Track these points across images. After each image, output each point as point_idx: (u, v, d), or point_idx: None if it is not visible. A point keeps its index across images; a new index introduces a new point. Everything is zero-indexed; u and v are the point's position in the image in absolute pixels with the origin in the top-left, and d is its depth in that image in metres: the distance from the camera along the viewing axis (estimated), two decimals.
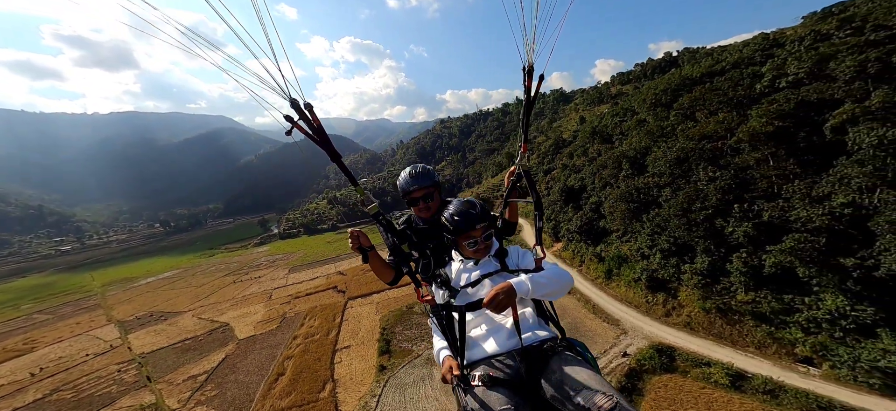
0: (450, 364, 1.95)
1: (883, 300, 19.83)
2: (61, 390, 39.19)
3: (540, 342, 1.91)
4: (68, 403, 36.36)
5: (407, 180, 2.70)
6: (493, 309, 1.77)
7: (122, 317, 63.85)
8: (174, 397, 35.18)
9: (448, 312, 2.13)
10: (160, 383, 38.29)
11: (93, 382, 40.27)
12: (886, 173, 20.88)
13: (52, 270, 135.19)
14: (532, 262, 2.24)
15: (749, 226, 26.51)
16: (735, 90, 36.55)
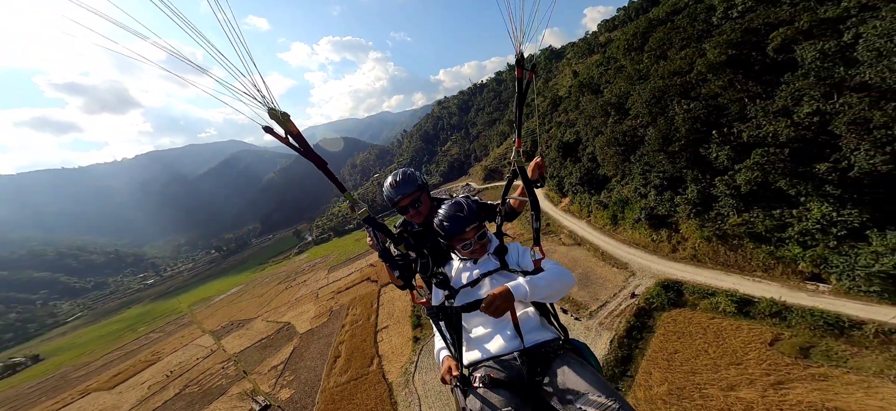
0: (449, 364, 1.88)
1: (863, 200, 19.83)
2: (190, 386, 47.28)
3: (541, 343, 1.82)
4: (198, 394, 43.91)
5: (391, 191, 2.57)
6: (491, 314, 1.71)
7: (212, 328, 72.82)
8: (265, 384, 41.25)
9: (446, 312, 2.04)
10: (253, 374, 44.72)
11: (208, 378, 47.92)
12: (833, 79, 20.26)
13: (147, 300, 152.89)
14: (531, 263, 2.12)
15: (729, 149, 26.42)
16: (693, 25, 34.89)
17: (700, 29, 35.80)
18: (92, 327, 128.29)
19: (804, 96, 22.47)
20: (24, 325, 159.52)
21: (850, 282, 19.60)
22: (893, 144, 18.27)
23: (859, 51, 20.42)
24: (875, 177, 19.14)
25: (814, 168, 21.54)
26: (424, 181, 2.64)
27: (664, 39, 41.03)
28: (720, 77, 28.85)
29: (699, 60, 30.22)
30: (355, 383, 34.95)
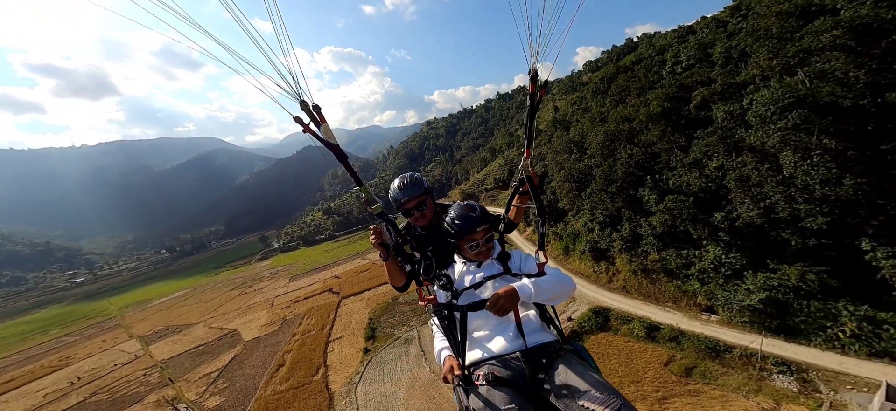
0: (451, 364, 1.93)
1: (745, 246, 24.51)
2: (98, 393, 44.17)
3: (543, 344, 1.88)
4: (106, 403, 41.31)
5: (397, 193, 2.63)
6: (496, 313, 1.76)
7: (142, 333, 68.65)
8: (192, 391, 40.00)
9: (450, 312, 2.10)
10: (180, 381, 43.11)
11: (124, 385, 45.19)
12: (732, 139, 25.55)
13: (71, 300, 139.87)
14: (535, 267, 2.18)
15: (656, 194, 31.21)
16: (646, 76, 41.24)
17: (652, 80, 42.17)
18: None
19: (712, 152, 27.71)
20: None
21: (730, 314, 23.83)
22: (766, 201, 23.12)
23: (749, 116, 25.82)
24: (753, 227, 23.88)
25: (712, 216, 26.28)
26: (430, 186, 2.72)
27: (624, 86, 47.51)
28: (656, 127, 34.42)
29: (642, 110, 35.82)
30: (295, 392, 35.18)
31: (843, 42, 20.85)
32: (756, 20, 32.10)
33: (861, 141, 20.07)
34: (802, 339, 20.90)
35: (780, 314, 21.58)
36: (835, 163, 19.95)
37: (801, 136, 20.93)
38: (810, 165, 20.52)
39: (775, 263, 22.63)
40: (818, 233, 20.90)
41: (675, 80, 34.11)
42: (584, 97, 66.75)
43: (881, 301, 19.24)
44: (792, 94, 21.55)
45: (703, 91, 29.57)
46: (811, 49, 22.65)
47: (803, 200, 20.88)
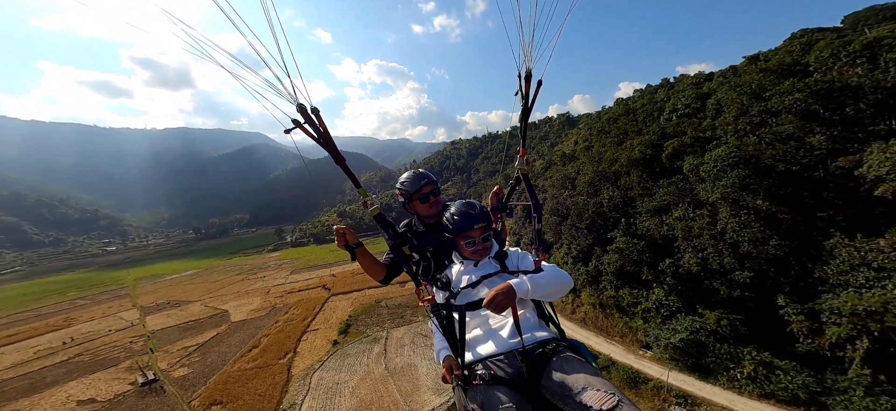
0: (450, 363, 1.96)
1: (682, 291, 25.39)
2: (83, 355, 49.51)
3: (541, 342, 1.89)
4: (86, 363, 46.40)
5: (414, 179, 2.69)
6: (493, 310, 1.78)
7: (144, 304, 76.05)
8: (165, 361, 44.28)
9: (448, 312, 2.13)
10: (159, 351, 47.83)
11: (108, 349, 50.59)
12: (693, 191, 26.79)
13: (96, 267, 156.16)
14: (531, 264, 2.22)
15: (625, 237, 32.42)
16: (644, 121, 42.86)
17: (646, 125, 43.39)
18: (23, 283, 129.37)
19: (672, 202, 28.93)
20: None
21: (660, 351, 24.85)
22: (703, 252, 24.14)
23: (702, 170, 27.16)
24: (692, 274, 24.79)
25: (662, 261, 27.32)
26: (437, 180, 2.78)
27: (623, 129, 49.04)
28: (635, 172, 35.91)
29: (624, 154, 37.55)
30: (258, 371, 38.59)
31: (805, 106, 22.03)
32: (743, 75, 33.47)
33: (795, 205, 20.97)
34: (711, 378, 22.36)
35: (697, 354, 22.63)
36: (762, 224, 20.95)
37: (742, 195, 22.10)
38: (738, 223, 21.62)
39: (703, 308, 23.44)
40: (743, 286, 21.72)
41: (659, 128, 35.71)
42: (591, 136, 68.58)
43: (784, 350, 20.23)
44: (737, 153, 22.93)
45: (674, 142, 31.10)
46: (771, 110, 23.97)
47: (729, 254, 21.83)
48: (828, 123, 21.32)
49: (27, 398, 36.94)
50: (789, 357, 20.20)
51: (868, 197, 18.05)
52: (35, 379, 41.68)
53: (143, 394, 35.89)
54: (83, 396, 36.13)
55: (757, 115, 25.61)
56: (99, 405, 34.42)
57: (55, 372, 43.26)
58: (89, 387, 38.12)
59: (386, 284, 2.71)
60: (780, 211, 20.83)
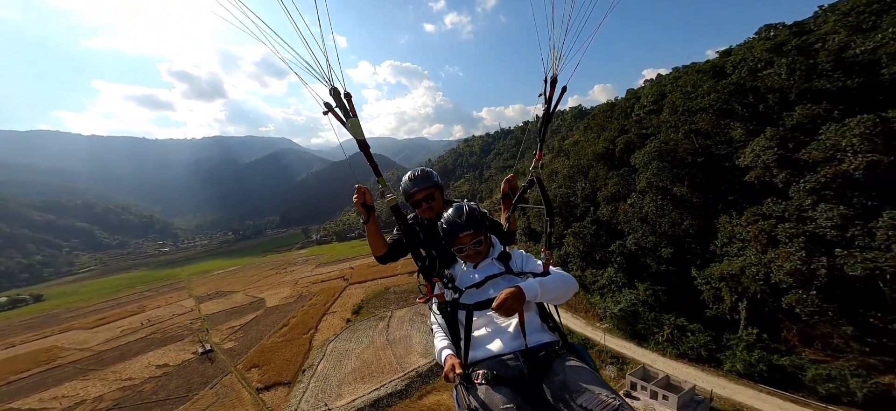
0: (452, 362, 1.89)
1: (628, 268, 29.33)
2: (155, 333, 60.58)
3: (543, 344, 1.90)
4: (159, 338, 56.97)
5: (408, 184, 2.68)
6: (502, 313, 1.76)
7: (198, 294, 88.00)
8: (217, 337, 53.48)
9: (454, 310, 2.12)
10: (212, 330, 57.39)
11: (174, 329, 61.28)
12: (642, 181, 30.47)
13: (155, 265, 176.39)
14: (538, 266, 2.22)
15: (595, 225, 36.32)
16: (617, 118, 45.97)
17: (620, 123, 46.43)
18: (99, 280, 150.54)
19: (621, 192, 32.61)
20: (42, 268, 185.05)
21: (610, 322, 28.93)
22: (636, 233, 28.01)
23: (636, 162, 30.42)
24: (631, 253, 28.73)
25: (611, 243, 31.31)
26: (440, 181, 2.74)
27: (601, 124, 52.01)
28: (599, 165, 39.53)
29: (590, 150, 41.19)
30: (287, 343, 46.31)
31: (721, 105, 25.16)
32: (683, 76, 36.09)
33: (706, 190, 24.46)
34: (643, 342, 26.31)
35: (633, 321, 26.64)
36: (678, 207, 24.64)
37: (660, 183, 25.77)
38: (655, 206, 25.35)
39: (638, 282, 27.37)
40: (666, 261, 25.48)
41: (618, 125, 38.97)
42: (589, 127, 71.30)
43: (698, 316, 23.66)
44: (658, 148, 26.51)
45: (625, 138, 34.55)
46: (692, 109, 27.22)
47: (652, 234, 25.66)
48: (744, 119, 24.34)
49: (122, 363, 47.10)
50: (701, 321, 23.73)
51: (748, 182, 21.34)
52: (124, 350, 52.24)
53: (202, 361, 44.55)
54: (159, 362, 45.48)
55: (684, 113, 28.57)
56: (171, 368, 43.39)
57: (137, 346, 53.98)
58: (163, 356, 47.62)
59: (383, 263, 2.61)
60: (693, 195, 24.33)
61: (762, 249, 18.88)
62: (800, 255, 17.03)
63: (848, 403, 17.30)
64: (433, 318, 2.29)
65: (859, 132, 16.61)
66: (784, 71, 21.14)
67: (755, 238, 19.34)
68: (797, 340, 19.44)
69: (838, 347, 17.95)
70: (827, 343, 18.35)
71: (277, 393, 35.18)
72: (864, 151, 16.01)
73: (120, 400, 36.59)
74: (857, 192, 16.36)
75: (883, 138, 16.15)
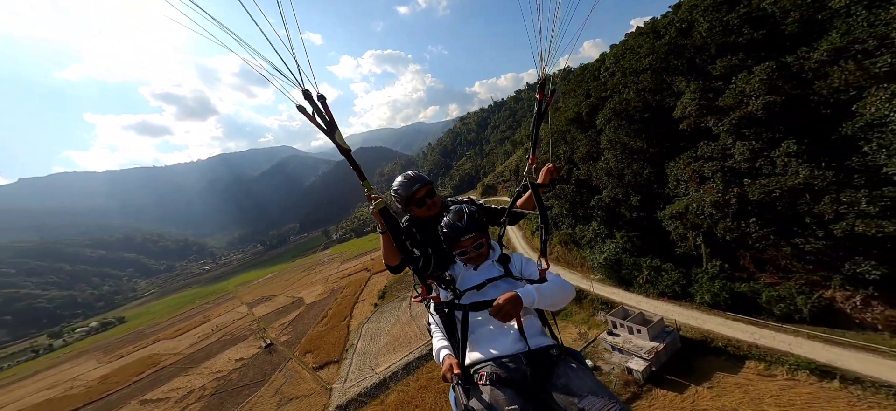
0: (450, 363, 1.89)
1: (607, 220, 32.78)
2: (225, 336, 69.43)
3: (544, 348, 1.90)
4: (230, 339, 65.53)
5: (407, 185, 2.58)
6: (500, 318, 1.76)
7: (247, 301, 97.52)
8: (273, 333, 61.14)
9: (451, 311, 2.10)
10: (268, 328, 65.25)
11: (238, 330, 69.90)
12: (604, 140, 33.35)
13: (203, 283, 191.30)
14: (536, 272, 2.17)
15: (572, 183, 39.58)
16: (589, 82, 47.76)
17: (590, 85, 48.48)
18: (162, 300, 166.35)
19: (592, 151, 35.46)
20: (112, 296, 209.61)
21: (598, 272, 32.67)
22: (607, 187, 31.32)
23: (599, 123, 32.94)
24: (608, 205, 32.21)
25: (591, 199, 34.74)
26: (431, 178, 2.72)
27: (573, 88, 53.87)
28: (574, 128, 42.19)
29: (562, 115, 43.74)
30: (329, 330, 53.04)
31: (658, 64, 27.38)
32: (637, 38, 37.59)
33: (661, 141, 27.30)
34: (628, 286, 29.56)
35: (617, 268, 30.10)
36: (636, 158, 27.69)
37: (621, 137, 28.68)
38: (615, 159, 28.47)
39: (617, 231, 30.92)
40: (636, 208, 28.85)
41: (585, 90, 41.16)
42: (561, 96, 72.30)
43: (670, 255, 26.85)
44: (614, 107, 29.21)
45: (587, 102, 36.97)
46: (638, 69, 29.45)
47: (618, 186, 28.98)
48: (684, 73, 26.35)
49: (208, 360, 55.89)
50: (672, 260, 26.21)
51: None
52: (207, 351, 61.27)
53: (267, 353, 52.04)
54: (236, 357, 53.53)
55: (631, 74, 30.43)
56: (246, 360, 51.12)
57: (216, 347, 63.02)
58: (237, 352, 55.83)
59: (396, 272, 2.48)
60: (650, 146, 27.22)
61: (697, 187, 21.98)
62: (718, 188, 20.05)
63: (798, 320, 18.66)
64: (431, 319, 2.26)
65: (761, 78, 18.78)
66: (704, 29, 23.25)
67: (690, 178, 22.40)
68: (752, 266, 21.85)
69: (787, 268, 20.00)
70: (776, 265, 20.51)
71: (330, 370, 41.72)
72: (764, 94, 18.46)
73: (218, 387, 44.41)
74: (763, 129, 18.95)
75: (782, 80, 18.51)
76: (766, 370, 16.36)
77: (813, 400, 14.04)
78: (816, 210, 16.71)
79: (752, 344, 18.13)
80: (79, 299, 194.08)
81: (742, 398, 15.04)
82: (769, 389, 15.08)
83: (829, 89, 17.38)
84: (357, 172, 2.22)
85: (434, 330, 2.23)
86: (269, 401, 37.90)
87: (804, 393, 14.45)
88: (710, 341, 19.40)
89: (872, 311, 16.53)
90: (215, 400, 41.22)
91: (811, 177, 16.52)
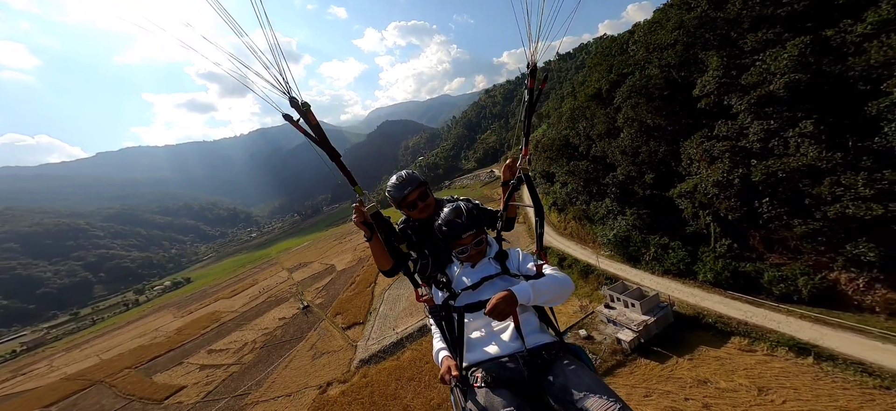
0: (448, 364, 1.88)
1: (620, 197, 32.21)
2: (271, 297, 78.73)
3: (542, 346, 1.85)
4: (274, 300, 74.41)
5: (398, 188, 2.55)
6: (495, 317, 1.71)
7: (288, 267, 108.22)
8: (309, 296, 68.26)
9: (447, 313, 2.05)
10: (305, 292, 72.89)
11: (280, 293, 78.82)
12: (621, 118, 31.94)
13: (250, 248, 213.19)
14: (533, 268, 2.14)
15: (586, 160, 38.78)
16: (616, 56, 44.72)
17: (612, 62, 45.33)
18: (219, 264, 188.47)
19: (610, 128, 34.17)
20: (179, 258, 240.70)
21: (608, 249, 32.71)
22: (622, 165, 30.51)
23: (617, 101, 31.39)
24: (622, 183, 31.57)
25: (606, 176, 34.07)
26: (426, 179, 2.67)
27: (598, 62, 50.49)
28: (594, 105, 40.40)
29: (583, 92, 41.84)
30: (356, 295, 58.40)
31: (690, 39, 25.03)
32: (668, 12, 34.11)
33: (680, 118, 25.79)
34: (635, 263, 29.60)
35: (626, 245, 30.03)
36: (650, 137, 26.57)
37: (639, 114, 27.39)
38: (630, 137, 27.43)
39: (628, 209, 30.49)
40: (650, 186, 28.13)
41: (608, 66, 38.58)
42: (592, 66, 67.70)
43: (680, 233, 26.31)
44: (633, 84, 27.61)
45: (608, 78, 34.90)
46: (662, 45, 27.18)
47: (631, 164, 28.17)
48: (715, 47, 24.17)
49: (257, 318, 64.48)
50: (682, 238, 25.72)
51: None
52: (256, 310, 70.41)
53: (305, 314, 58.91)
54: (279, 316, 61.34)
55: (655, 51, 28.09)
56: (287, 319, 58.52)
57: (263, 307, 71.90)
58: (280, 312, 63.78)
59: (390, 276, 2.44)
60: (669, 124, 25.89)
61: (707, 166, 20.98)
62: (725, 167, 19.06)
63: (796, 301, 18.64)
64: (430, 320, 2.22)
65: (791, 55, 16.97)
66: (739, 3, 20.66)
67: (701, 158, 21.31)
68: (762, 246, 21.21)
69: (797, 249, 19.40)
70: (786, 245, 19.90)
71: (356, 330, 46.76)
72: (790, 72, 16.79)
73: (265, 341, 51.75)
74: (785, 108, 17.32)
75: (816, 56, 16.55)
76: (748, 345, 16.63)
77: (781, 374, 14.37)
78: (815, 192, 15.78)
79: (742, 322, 18.32)
80: (154, 260, 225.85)
81: (717, 369, 15.66)
82: (745, 362, 15.51)
83: (864, 65, 15.65)
84: (348, 178, 2.21)
85: (434, 330, 2.19)
86: (306, 355, 43.84)
87: (776, 367, 14.75)
88: (702, 317, 19.69)
89: (873, 294, 15.93)
90: (263, 352, 48.01)
91: (818, 159, 15.46)
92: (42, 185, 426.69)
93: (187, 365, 51.53)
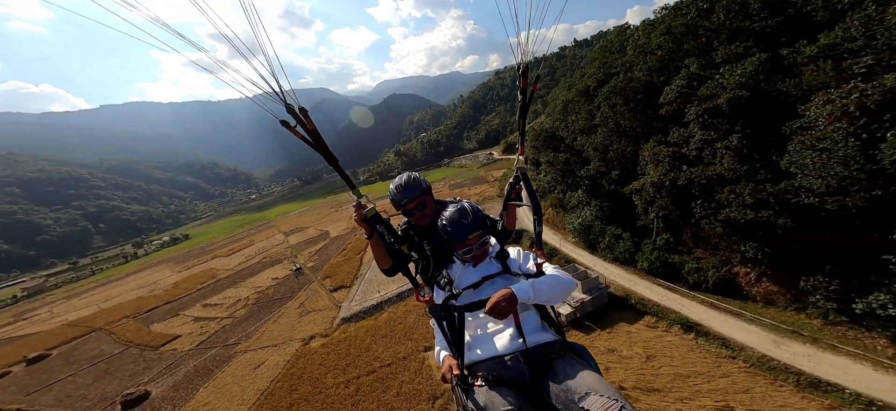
0: (449, 364, 1.88)
1: (591, 189, 34.58)
2: (265, 258, 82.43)
3: (543, 344, 1.86)
4: (269, 261, 78.10)
5: (397, 195, 2.60)
6: (495, 316, 1.74)
7: (284, 230, 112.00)
8: (302, 259, 71.90)
9: (448, 312, 2.06)
10: (299, 254, 76.56)
11: (275, 254, 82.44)
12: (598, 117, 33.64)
13: (249, 210, 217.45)
14: (534, 267, 2.18)
15: (563, 152, 40.74)
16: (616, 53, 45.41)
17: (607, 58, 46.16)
18: (217, 222, 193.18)
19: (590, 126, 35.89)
20: (178, 214, 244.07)
21: (574, 236, 35.38)
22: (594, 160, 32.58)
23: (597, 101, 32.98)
24: (593, 177, 33.78)
25: (580, 170, 36.19)
26: (428, 184, 2.66)
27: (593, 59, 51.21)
28: (583, 102, 41.79)
29: (574, 88, 43.04)
30: (346, 261, 61.90)
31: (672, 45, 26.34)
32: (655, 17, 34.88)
33: (647, 122, 27.57)
34: (593, 250, 32.21)
35: (588, 233, 32.75)
36: (621, 137, 28.48)
37: (615, 113, 29.11)
38: (603, 135, 29.34)
39: (593, 201, 32.94)
40: (615, 181, 30.38)
41: (600, 64, 39.59)
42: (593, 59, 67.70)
43: (631, 226, 28.89)
44: (613, 86, 29.14)
45: (595, 76, 36.18)
46: (647, 49, 28.36)
47: (601, 161, 30.27)
48: (696, 54, 25.53)
49: (252, 277, 68.32)
50: (632, 230, 28.23)
51: None
52: (251, 269, 74.27)
53: (296, 275, 62.68)
54: (273, 276, 65.14)
55: (640, 54, 29.47)
56: (280, 279, 62.30)
57: (258, 267, 75.70)
58: (274, 272, 67.56)
59: (390, 276, 2.52)
60: (638, 125, 27.69)
61: (654, 168, 23.09)
62: (663, 171, 21.24)
63: (704, 289, 21.76)
64: (432, 320, 2.21)
65: (745, 70, 18.44)
66: (722, 14, 21.92)
67: (650, 160, 23.38)
68: (692, 242, 23.73)
69: (715, 245, 22.07)
70: (708, 242, 22.50)
71: (342, 292, 50.43)
72: (734, 89, 18.40)
73: (258, 299, 55.53)
74: (725, 122, 19.08)
75: (767, 74, 18.01)
76: (654, 323, 19.61)
77: (669, 346, 17.42)
78: (718, 198, 18.16)
79: (656, 304, 21.17)
80: (153, 214, 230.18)
81: (625, 340, 18.70)
82: (646, 336, 18.55)
83: (797, 88, 17.42)
84: (347, 182, 2.24)
85: (435, 331, 2.19)
86: (294, 312, 47.64)
87: (666, 340, 17.82)
88: (629, 299, 22.58)
89: (759, 286, 18.76)
90: (255, 308, 51.52)
91: (727, 170, 17.65)
92: (45, 133, 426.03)
93: (183, 317, 55.07)
